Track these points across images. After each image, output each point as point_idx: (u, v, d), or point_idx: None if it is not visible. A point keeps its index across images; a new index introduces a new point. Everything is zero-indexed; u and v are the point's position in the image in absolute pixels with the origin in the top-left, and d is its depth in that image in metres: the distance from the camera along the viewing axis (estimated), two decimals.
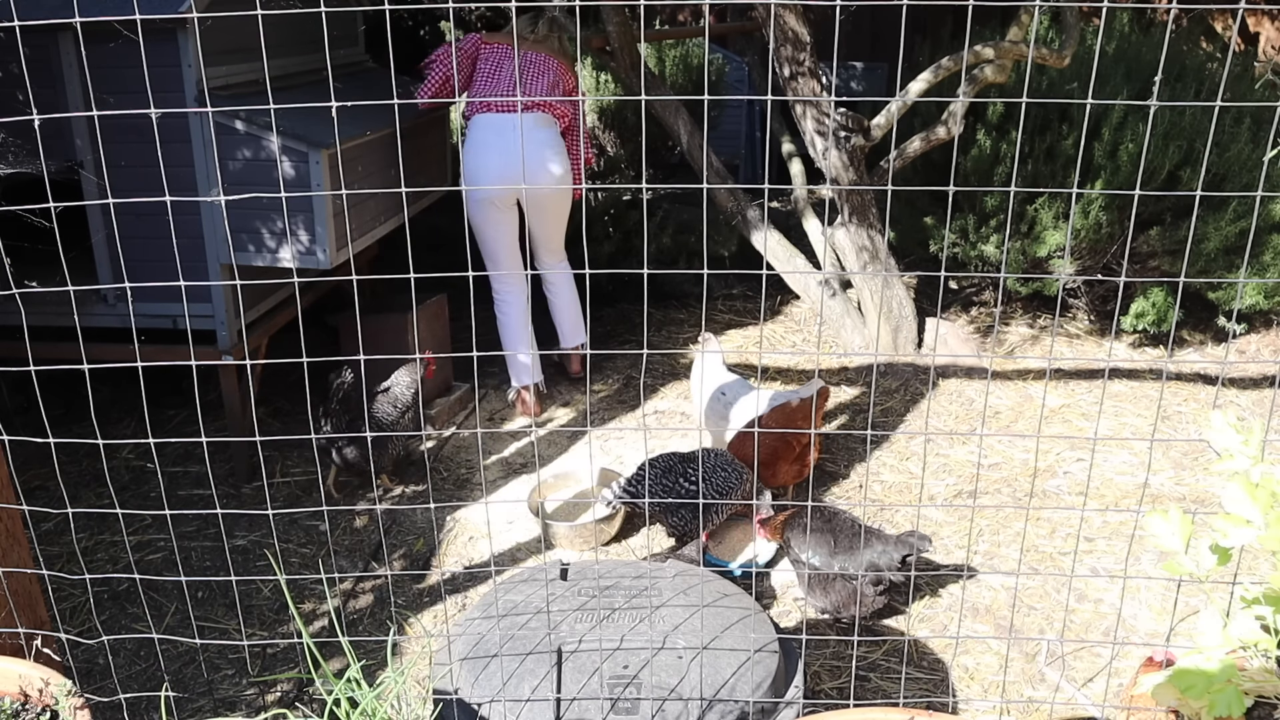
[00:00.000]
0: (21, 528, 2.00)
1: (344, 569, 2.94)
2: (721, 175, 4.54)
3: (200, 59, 2.90)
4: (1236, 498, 1.21)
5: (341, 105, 1.63)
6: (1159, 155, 4.06)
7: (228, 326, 3.20)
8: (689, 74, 6.04)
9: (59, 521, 3.01)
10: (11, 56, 2.70)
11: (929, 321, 4.46)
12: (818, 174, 5.37)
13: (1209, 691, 1.18)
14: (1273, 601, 1.21)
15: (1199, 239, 4.09)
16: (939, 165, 4.53)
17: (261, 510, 1.89)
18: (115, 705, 2.26)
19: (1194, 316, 4.57)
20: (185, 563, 2.98)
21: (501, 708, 1.86)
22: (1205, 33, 5.75)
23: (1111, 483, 3.36)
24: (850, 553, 2.53)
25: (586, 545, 3.06)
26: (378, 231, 3.55)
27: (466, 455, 3.64)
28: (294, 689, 2.45)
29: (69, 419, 3.61)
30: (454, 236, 4.66)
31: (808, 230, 4.69)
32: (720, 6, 6.54)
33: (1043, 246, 4.27)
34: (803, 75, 3.99)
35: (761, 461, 3.03)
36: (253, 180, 3.00)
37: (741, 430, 3.21)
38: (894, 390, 4.11)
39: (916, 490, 3.30)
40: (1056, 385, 4.12)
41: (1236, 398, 4.06)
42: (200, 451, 3.49)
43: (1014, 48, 3.73)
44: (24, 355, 1.85)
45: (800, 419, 3.12)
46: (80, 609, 2.73)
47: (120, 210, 2.94)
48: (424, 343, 3.85)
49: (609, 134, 5.40)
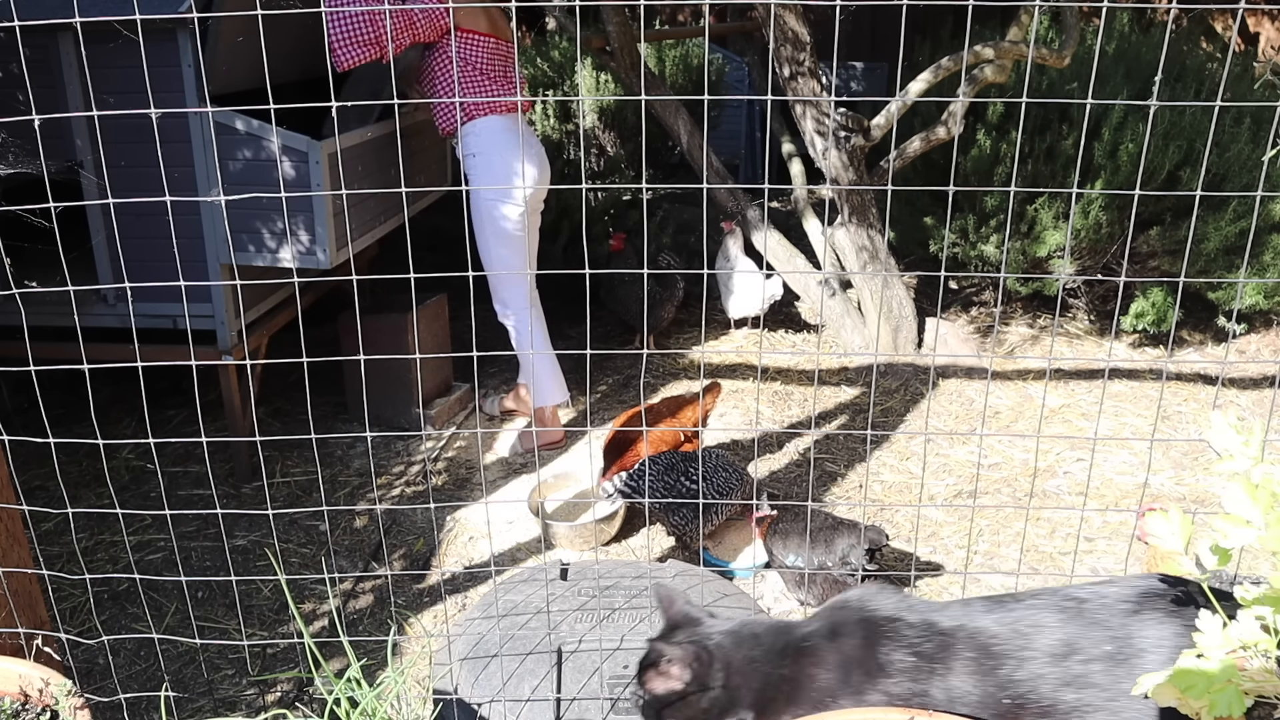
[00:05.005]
0: (21, 528, 2.00)
1: (344, 569, 2.94)
2: (721, 175, 4.54)
3: (200, 59, 2.90)
4: (1236, 498, 1.21)
5: (342, 105, 1.63)
6: (1159, 155, 4.06)
7: (228, 326, 3.20)
8: (689, 74, 6.04)
9: (59, 521, 3.01)
10: (11, 56, 2.70)
11: (929, 321, 4.46)
12: (818, 174, 5.37)
13: (1209, 691, 1.18)
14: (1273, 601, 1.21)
15: (1199, 239, 4.09)
16: (939, 165, 4.53)
17: (261, 510, 1.89)
18: (115, 705, 2.26)
19: (1194, 316, 4.57)
20: (185, 563, 2.98)
21: (501, 708, 1.86)
22: (1205, 33, 5.75)
23: (1111, 483, 3.36)
24: (826, 545, 2.60)
25: (586, 545, 3.06)
26: (378, 231, 3.55)
27: (466, 455, 3.64)
28: (294, 689, 2.45)
29: (69, 419, 3.61)
30: (454, 236, 4.65)
31: (808, 230, 4.69)
32: (720, 6, 6.54)
33: (1043, 246, 4.27)
34: (803, 75, 3.99)
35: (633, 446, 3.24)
36: (253, 180, 3.00)
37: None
38: (894, 390, 4.11)
39: (916, 490, 3.30)
40: (1056, 385, 4.12)
41: (1236, 398, 4.06)
42: (200, 451, 3.49)
43: (1014, 48, 3.73)
44: (24, 355, 1.85)
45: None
46: (80, 609, 2.73)
47: (120, 210, 2.94)
48: (424, 343, 3.85)
49: (609, 134, 5.40)
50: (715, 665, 1.57)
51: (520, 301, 3.51)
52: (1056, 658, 1.48)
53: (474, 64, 3.31)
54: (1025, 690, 1.45)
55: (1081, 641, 1.47)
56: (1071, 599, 1.55)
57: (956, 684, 1.48)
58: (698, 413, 3.25)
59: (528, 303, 3.53)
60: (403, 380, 3.72)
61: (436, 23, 3.19)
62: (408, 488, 3.41)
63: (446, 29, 3.22)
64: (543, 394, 3.61)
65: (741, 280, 4.61)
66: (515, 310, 3.52)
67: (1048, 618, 1.53)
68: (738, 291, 4.64)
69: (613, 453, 3.22)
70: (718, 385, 3.38)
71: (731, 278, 4.64)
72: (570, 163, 5.14)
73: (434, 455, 3.63)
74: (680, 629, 1.67)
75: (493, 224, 3.38)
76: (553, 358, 3.65)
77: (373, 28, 3.02)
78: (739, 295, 4.64)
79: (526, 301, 3.52)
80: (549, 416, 3.68)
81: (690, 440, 3.25)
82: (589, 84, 5.37)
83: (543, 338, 3.60)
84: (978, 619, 1.54)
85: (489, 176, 3.32)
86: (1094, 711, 1.44)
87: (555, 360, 3.67)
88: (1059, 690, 1.45)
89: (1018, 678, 1.46)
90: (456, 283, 4.27)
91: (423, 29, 3.17)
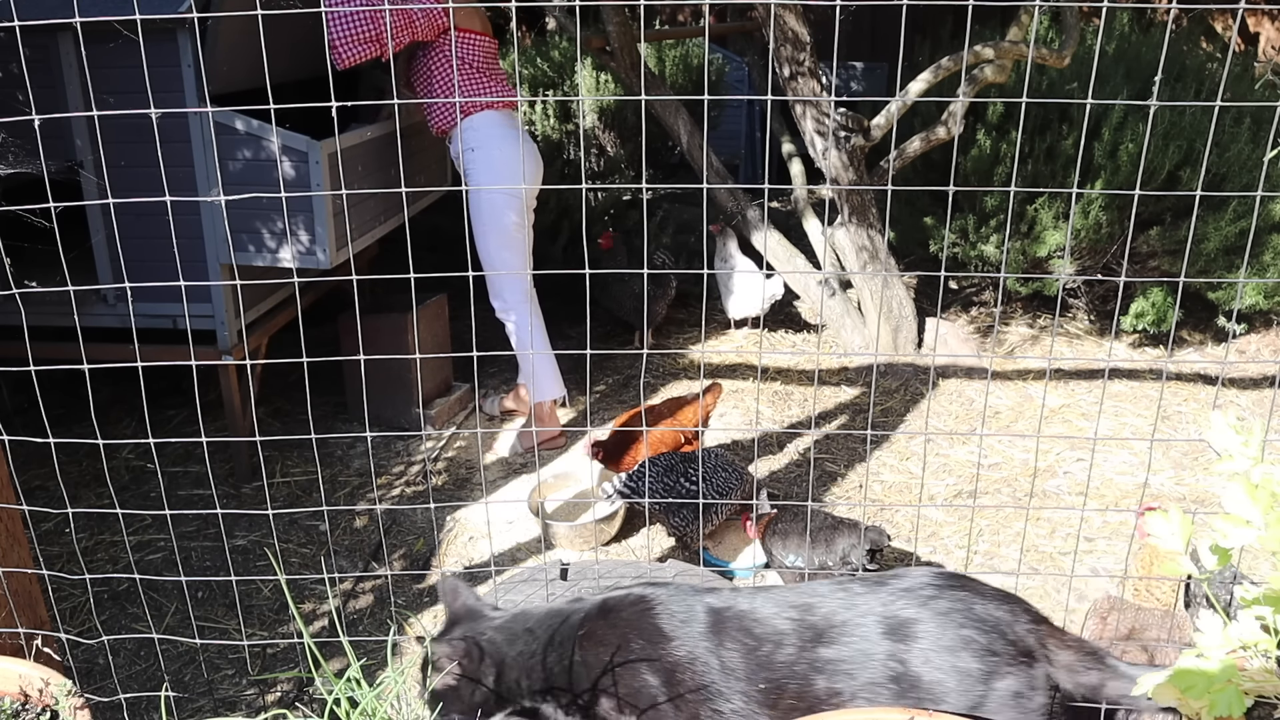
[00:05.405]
0: (21, 528, 2.00)
1: (344, 569, 2.94)
2: (721, 175, 4.54)
3: (200, 59, 2.90)
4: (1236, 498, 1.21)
5: (341, 105, 1.63)
6: (1159, 155, 4.06)
7: (228, 326, 3.19)
8: (689, 74, 6.04)
9: (59, 521, 3.01)
10: (11, 56, 2.70)
11: (929, 321, 4.46)
12: (818, 174, 5.37)
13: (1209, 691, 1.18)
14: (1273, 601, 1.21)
15: (1199, 239, 4.09)
16: (939, 165, 4.53)
17: (261, 510, 1.89)
18: (115, 705, 2.26)
19: (1194, 316, 4.57)
20: (185, 563, 2.98)
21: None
22: (1205, 33, 5.76)
23: (1111, 483, 3.36)
24: (826, 545, 2.60)
25: (586, 545, 3.06)
26: (377, 231, 3.55)
27: (466, 455, 3.64)
28: (294, 689, 2.45)
29: (69, 419, 3.61)
30: (454, 236, 4.66)
31: (808, 230, 4.69)
32: (720, 6, 6.54)
33: (1043, 246, 4.27)
34: (803, 75, 3.99)
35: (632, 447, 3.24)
36: (253, 180, 3.00)
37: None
38: (894, 390, 4.11)
39: (916, 490, 3.30)
40: (1056, 385, 4.12)
41: (1236, 398, 4.06)
42: (200, 451, 3.49)
43: (1014, 48, 3.73)
44: (24, 355, 1.85)
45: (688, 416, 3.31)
46: (80, 609, 2.73)
47: (120, 210, 2.94)
48: (424, 343, 3.85)
49: (609, 134, 5.40)
50: (486, 660, 1.61)
51: (518, 297, 3.51)
52: (810, 643, 1.54)
53: (470, 62, 3.36)
54: (781, 676, 1.52)
55: (842, 629, 1.55)
56: (844, 588, 1.62)
57: (729, 658, 1.54)
58: (698, 413, 3.25)
59: (525, 298, 3.53)
60: (403, 380, 3.72)
61: (435, 23, 3.22)
62: (408, 488, 3.41)
63: (444, 29, 3.25)
64: (540, 389, 3.61)
65: (741, 280, 4.61)
66: (513, 306, 3.52)
67: (822, 604, 1.59)
68: (738, 291, 4.63)
69: (612, 452, 3.22)
70: (718, 386, 3.38)
71: (732, 278, 4.63)
72: (570, 163, 5.13)
73: (434, 455, 3.63)
74: (460, 624, 1.69)
75: (493, 219, 3.38)
76: (550, 353, 3.65)
77: (373, 26, 3.05)
78: (739, 295, 4.63)
79: (524, 297, 3.52)
80: (546, 412, 3.68)
81: (690, 442, 3.26)
82: (589, 84, 5.37)
83: (541, 333, 3.60)
84: (745, 601, 1.62)
85: (487, 169, 3.33)
86: (850, 699, 1.49)
87: (553, 356, 3.67)
88: (811, 675, 1.52)
89: (777, 660, 1.53)
90: (456, 283, 4.27)
91: (421, 28, 3.20)
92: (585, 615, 1.62)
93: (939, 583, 1.60)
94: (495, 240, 3.41)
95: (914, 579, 1.61)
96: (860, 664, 1.51)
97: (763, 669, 1.52)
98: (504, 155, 3.33)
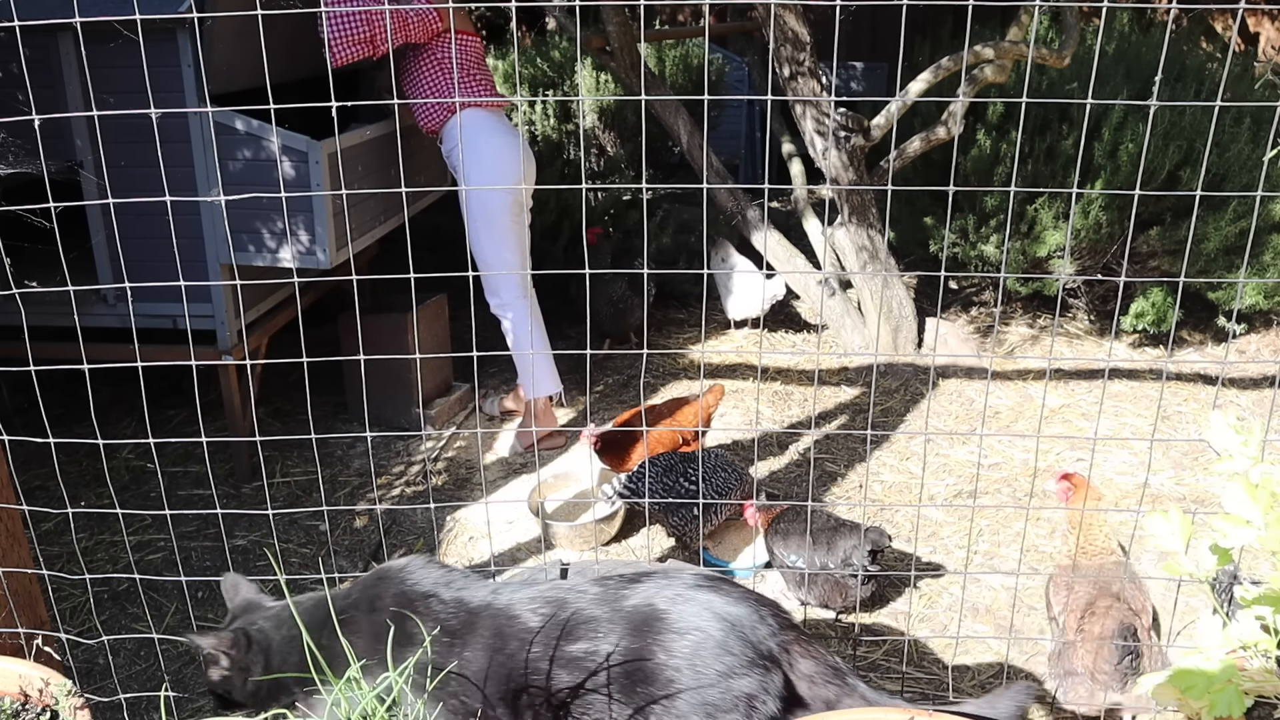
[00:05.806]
0: (21, 528, 2.00)
1: (344, 569, 2.94)
2: (721, 175, 4.54)
3: (200, 59, 2.90)
4: (1236, 498, 1.21)
5: (341, 105, 1.63)
6: (1159, 155, 4.06)
7: (228, 326, 3.20)
8: (689, 74, 6.04)
9: (59, 521, 3.01)
10: (11, 56, 2.70)
11: (929, 321, 4.46)
12: (818, 174, 5.37)
13: (1209, 691, 1.18)
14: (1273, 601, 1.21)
15: (1199, 239, 4.09)
16: (939, 165, 4.52)
17: (261, 510, 1.89)
18: (115, 705, 2.26)
19: (1194, 316, 4.57)
20: (185, 563, 2.98)
21: None
22: (1205, 33, 5.76)
23: (1111, 483, 3.36)
24: (828, 546, 2.59)
25: (586, 545, 3.06)
26: (377, 231, 3.55)
27: (466, 455, 3.64)
28: None
29: (69, 419, 3.61)
30: (454, 236, 4.65)
31: (808, 230, 4.69)
32: (720, 6, 6.54)
33: (1043, 246, 4.27)
34: (803, 75, 3.99)
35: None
36: (253, 180, 3.00)
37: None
38: (894, 390, 4.11)
39: (916, 490, 3.30)
40: (1056, 385, 4.12)
41: (1236, 398, 4.06)
42: (200, 451, 3.49)
43: (1014, 48, 3.73)
44: (24, 355, 1.85)
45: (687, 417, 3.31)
46: (80, 609, 2.73)
47: (120, 210, 2.94)
48: (424, 343, 3.85)
49: (609, 134, 5.40)
50: (254, 649, 1.64)
51: (514, 294, 3.52)
52: (559, 640, 1.56)
53: (458, 62, 3.41)
54: (530, 671, 1.54)
55: (590, 627, 1.56)
56: (601, 583, 1.64)
57: (470, 657, 1.56)
58: (698, 414, 3.25)
59: (521, 295, 3.53)
60: (403, 380, 3.72)
61: (428, 25, 3.27)
62: (408, 488, 3.41)
63: (437, 31, 3.29)
64: (535, 385, 3.62)
65: (741, 281, 4.61)
66: (508, 303, 3.53)
67: (575, 599, 1.61)
68: (737, 292, 4.63)
69: (611, 447, 3.21)
70: (720, 387, 3.38)
71: (731, 278, 4.63)
72: (570, 163, 5.14)
73: (434, 455, 3.63)
74: (240, 617, 1.72)
75: (484, 216, 3.40)
76: (548, 350, 3.67)
77: (368, 26, 3.11)
78: (739, 296, 4.63)
79: (520, 294, 3.53)
80: (542, 408, 3.69)
81: (690, 442, 3.25)
82: (589, 84, 5.37)
83: (539, 330, 3.61)
84: (503, 597, 1.63)
85: (477, 167, 3.35)
86: (591, 695, 1.52)
87: (549, 353, 3.68)
88: (556, 671, 1.54)
89: (522, 658, 1.55)
90: (456, 283, 4.26)
91: (415, 30, 3.24)
92: (349, 605, 1.66)
93: (693, 582, 1.62)
94: (488, 237, 3.43)
95: (670, 579, 1.64)
96: (603, 659, 1.54)
97: (508, 663, 1.55)
98: (492, 152, 3.35)
